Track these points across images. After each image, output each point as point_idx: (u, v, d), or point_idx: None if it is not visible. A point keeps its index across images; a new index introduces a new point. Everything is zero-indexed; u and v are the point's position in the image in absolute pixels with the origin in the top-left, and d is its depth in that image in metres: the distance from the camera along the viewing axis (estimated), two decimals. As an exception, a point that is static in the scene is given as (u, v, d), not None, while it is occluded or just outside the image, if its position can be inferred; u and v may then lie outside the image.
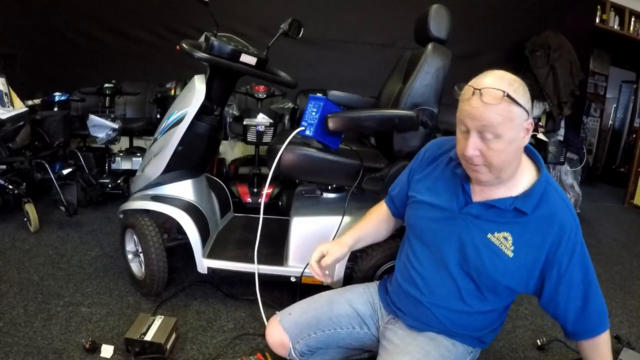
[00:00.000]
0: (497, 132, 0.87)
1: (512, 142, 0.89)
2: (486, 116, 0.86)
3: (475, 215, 1.01)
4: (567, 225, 0.95)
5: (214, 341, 1.48)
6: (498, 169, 0.92)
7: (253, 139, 2.66)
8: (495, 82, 0.88)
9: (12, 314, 1.54)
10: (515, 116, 0.87)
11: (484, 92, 0.87)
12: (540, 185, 0.97)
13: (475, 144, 0.90)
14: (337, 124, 1.46)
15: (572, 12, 3.81)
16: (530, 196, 0.96)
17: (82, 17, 3.47)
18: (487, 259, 0.98)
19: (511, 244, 0.96)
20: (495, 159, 0.90)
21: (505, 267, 0.97)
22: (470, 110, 0.89)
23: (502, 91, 0.86)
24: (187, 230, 1.62)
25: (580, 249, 0.97)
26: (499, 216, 0.98)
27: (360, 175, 1.55)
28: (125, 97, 3.17)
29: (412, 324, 1.12)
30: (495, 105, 0.86)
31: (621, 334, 1.62)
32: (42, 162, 2.40)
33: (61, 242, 2.19)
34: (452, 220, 1.03)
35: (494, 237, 0.98)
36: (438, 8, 1.60)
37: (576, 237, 0.96)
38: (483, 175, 0.94)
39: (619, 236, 3.03)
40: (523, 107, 0.88)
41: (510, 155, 0.91)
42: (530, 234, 0.96)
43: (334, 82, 3.01)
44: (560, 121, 3.64)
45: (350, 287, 1.33)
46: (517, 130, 0.89)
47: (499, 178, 0.95)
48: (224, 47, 1.54)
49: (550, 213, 0.95)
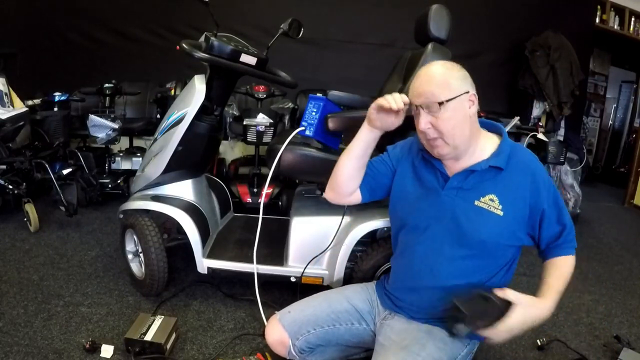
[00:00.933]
0: (440, 100, 0.99)
1: (456, 110, 1.00)
2: (427, 90, 1.00)
3: (458, 187, 1.08)
4: (539, 172, 1.07)
5: (214, 341, 1.48)
6: (451, 137, 1.02)
7: (253, 139, 2.66)
8: (432, 66, 1.04)
9: (12, 314, 1.54)
10: (453, 87, 1.00)
11: (421, 75, 1.04)
12: (506, 144, 1.08)
13: (426, 118, 1.02)
14: (337, 124, 1.46)
15: (572, 12, 3.82)
16: (500, 154, 1.06)
17: (82, 17, 3.48)
18: (481, 224, 1.05)
19: (498, 203, 1.05)
20: (444, 127, 1.01)
21: (499, 227, 1.04)
22: (413, 90, 1.04)
23: (435, 71, 1.02)
24: (187, 230, 1.62)
25: (553, 190, 1.08)
26: (479, 181, 1.06)
27: (360, 175, 1.54)
28: (125, 97, 3.17)
29: (414, 315, 1.14)
30: (434, 79, 1.01)
31: (621, 334, 1.62)
32: (42, 162, 2.40)
33: (61, 242, 2.19)
34: (438, 199, 1.10)
35: (481, 202, 1.06)
36: (438, 8, 1.60)
37: (549, 182, 1.08)
38: (441, 148, 1.04)
39: (619, 236, 3.03)
40: (458, 79, 1.01)
41: (459, 123, 1.01)
42: (512, 187, 1.06)
43: (334, 82, 3.02)
44: (560, 121, 3.65)
45: (348, 286, 1.36)
46: (461, 100, 1.00)
47: (456, 148, 1.04)
48: (224, 47, 1.54)
49: (523, 164, 1.07)
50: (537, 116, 3.74)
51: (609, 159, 5.49)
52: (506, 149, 1.07)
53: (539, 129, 3.14)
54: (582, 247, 2.68)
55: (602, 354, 1.57)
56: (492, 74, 3.66)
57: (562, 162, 3.08)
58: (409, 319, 1.15)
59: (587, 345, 1.62)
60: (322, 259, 1.60)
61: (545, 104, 3.62)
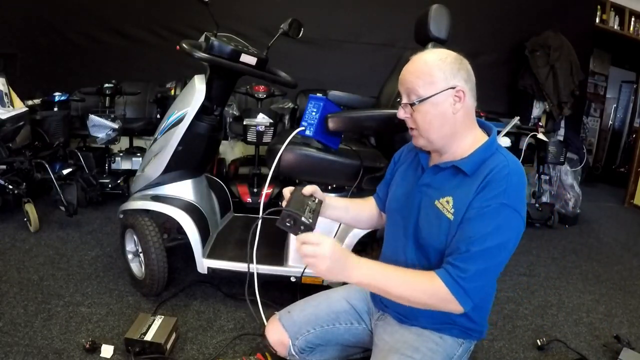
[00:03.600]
0: (419, 94, 0.95)
1: (436, 105, 0.95)
2: (409, 79, 0.96)
3: (427, 184, 1.04)
4: (495, 183, 0.91)
5: (214, 341, 1.48)
6: (425, 132, 0.98)
7: (253, 139, 2.66)
8: (425, 53, 0.98)
9: (12, 314, 1.54)
10: (436, 80, 0.94)
11: (411, 60, 0.99)
12: (485, 149, 0.98)
13: (405, 108, 0.98)
14: (337, 124, 1.46)
15: (572, 12, 3.82)
16: (472, 157, 0.98)
17: (82, 17, 3.47)
18: (433, 225, 0.99)
19: (451, 206, 0.96)
20: (420, 121, 0.97)
21: (446, 230, 0.96)
22: (401, 76, 0.99)
23: (424, 59, 0.96)
24: (187, 230, 1.62)
25: (495, 209, 0.89)
26: (446, 182, 1.00)
27: (360, 175, 1.55)
28: (125, 97, 3.17)
29: (397, 317, 1.13)
30: (417, 69, 0.96)
31: (621, 334, 1.62)
32: (42, 162, 2.40)
33: (61, 242, 2.19)
34: (411, 194, 1.07)
35: (439, 202, 0.99)
36: (438, 8, 1.60)
37: (496, 197, 0.90)
38: (416, 139, 1.02)
39: (619, 236, 3.03)
40: (446, 72, 0.94)
41: (435, 119, 0.96)
42: (469, 193, 0.94)
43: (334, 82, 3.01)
44: (560, 121, 3.65)
45: (347, 286, 1.35)
46: (444, 96, 0.94)
47: (431, 143, 0.99)
48: (224, 47, 1.54)
49: (486, 172, 0.93)
50: (537, 116, 3.74)
51: (609, 159, 5.49)
52: (481, 154, 0.97)
53: (539, 129, 3.15)
54: (582, 247, 2.72)
55: (602, 354, 1.57)
56: (492, 74, 3.66)
57: (562, 162, 3.09)
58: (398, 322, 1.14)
59: (587, 345, 1.62)
60: (322, 259, 1.60)
61: (545, 104, 3.62)
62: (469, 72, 0.98)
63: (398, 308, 1.12)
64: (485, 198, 0.91)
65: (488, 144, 0.99)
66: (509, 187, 0.91)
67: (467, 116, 0.99)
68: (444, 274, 0.91)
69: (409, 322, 1.11)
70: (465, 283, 0.89)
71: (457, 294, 0.90)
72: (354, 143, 1.73)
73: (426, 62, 0.96)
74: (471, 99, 0.98)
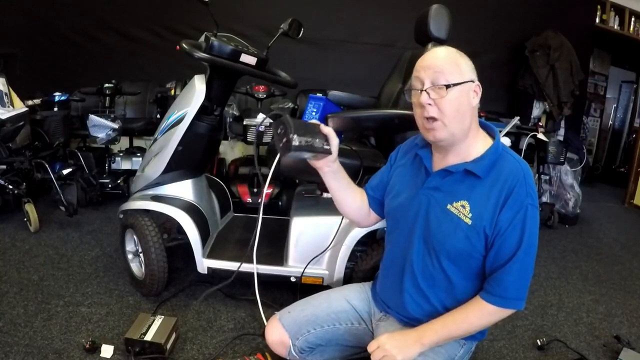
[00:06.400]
0: (448, 79, 0.94)
1: (461, 94, 0.95)
2: (439, 64, 0.96)
3: (435, 188, 1.04)
4: (518, 191, 0.95)
5: (214, 341, 1.48)
6: (450, 119, 0.95)
7: (253, 139, 2.66)
8: (442, 47, 1.01)
9: (12, 314, 1.54)
10: (463, 69, 0.96)
11: (431, 51, 1.01)
12: (494, 151, 1.00)
13: (430, 94, 0.96)
14: (337, 124, 1.46)
15: (572, 12, 3.82)
16: (482, 160, 0.99)
17: (82, 17, 3.48)
18: (448, 230, 1.00)
19: (469, 210, 0.98)
20: (447, 107, 0.95)
21: (464, 235, 0.98)
22: (424, 62, 0.98)
23: (448, 49, 0.99)
24: (187, 230, 1.62)
25: (523, 214, 0.95)
26: (457, 185, 1.01)
27: (360, 175, 1.55)
28: (125, 97, 3.17)
29: (399, 318, 1.14)
30: (446, 56, 0.97)
31: (621, 334, 1.62)
32: (42, 162, 2.40)
33: (61, 242, 2.19)
34: (416, 197, 1.07)
35: (452, 207, 1.00)
36: (438, 8, 1.60)
37: (522, 203, 0.95)
38: (439, 131, 0.97)
39: (619, 236, 3.03)
40: (467, 66, 0.97)
41: (461, 107, 0.95)
42: (486, 197, 0.97)
43: (334, 82, 3.01)
44: (560, 121, 3.65)
45: (347, 286, 1.36)
46: (467, 88, 0.96)
47: (453, 135, 0.97)
48: (224, 47, 1.54)
49: (504, 178, 0.96)
50: (537, 116, 3.74)
51: (609, 159, 5.49)
52: (491, 156, 0.99)
53: (539, 129, 3.15)
54: (582, 247, 2.72)
55: (602, 354, 1.57)
56: (492, 74, 3.66)
57: (562, 162, 3.08)
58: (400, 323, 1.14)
59: (587, 345, 1.62)
60: (322, 259, 1.60)
61: (545, 104, 3.63)
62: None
63: (400, 309, 1.13)
64: (514, 207, 0.95)
65: (495, 145, 1.01)
66: (528, 187, 0.96)
67: (475, 115, 1.01)
68: (489, 297, 0.98)
69: (411, 323, 1.11)
70: (509, 293, 0.97)
71: (509, 305, 0.98)
72: (354, 143, 1.73)
73: (449, 52, 0.98)
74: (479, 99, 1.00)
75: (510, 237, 0.95)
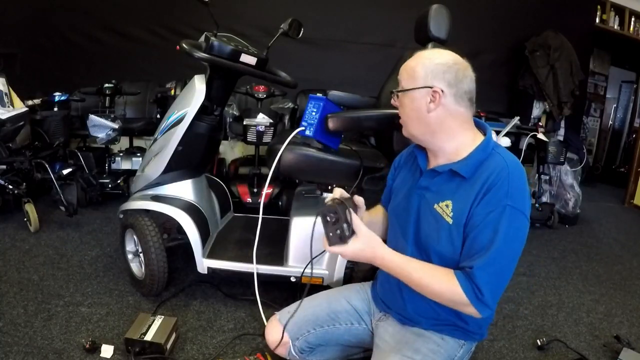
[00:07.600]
0: (402, 85, 1.02)
1: (413, 100, 0.99)
2: (402, 70, 1.03)
3: (425, 187, 1.05)
4: (497, 187, 0.92)
5: (214, 341, 1.48)
6: (406, 121, 1.04)
7: (253, 139, 2.66)
8: (425, 50, 1.05)
9: (12, 314, 1.54)
10: (417, 77, 0.98)
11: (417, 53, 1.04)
12: (482, 150, 0.98)
13: (394, 96, 1.06)
14: (337, 124, 1.46)
15: (572, 12, 3.82)
16: (468, 160, 0.98)
17: (82, 17, 3.47)
18: (434, 231, 1.00)
19: (450, 210, 0.98)
20: (401, 112, 1.05)
21: (447, 234, 0.97)
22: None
23: (417, 55, 1.02)
24: (187, 230, 1.62)
25: (499, 213, 0.90)
26: (444, 185, 1.01)
27: (360, 175, 1.55)
28: (125, 97, 3.17)
29: (399, 318, 1.14)
30: (409, 62, 1.01)
31: (621, 334, 1.62)
32: (42, 162, 2.40)
33: (61, 242, 2.19)
34: (410, 197, 1.08)
35: (438, 206, 1.01)
36: (438, 8, 1.60)
37: (500, 202, 0.91)
38: (403, 130, 1.07)
39: (619, 236, 3.03)
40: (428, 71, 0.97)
41: (412, 114, 1.01)
42: (467, 196, 0.95)
43: (334, 82, 3.01)
44: (560, 121, 3.65)
45: (347, 286, 1.36)
46: (421, 93, 0.98)
47: (413, 136, 1.05)
48: (224, 47, 1.54)
49: (487, 174, 0.94)
50: (537, 116, 3.74)
51: (609, 159, 5.49)
52: (478, 156, 0.97)
53: (539, 129, 3.15)
54: (582, 247, 2.72)
55: (602, 354, 1.57)
56: (492, 74, 3.66)
57: (562, 162, 3.08)
58: (400, 323, 1.14)
59: (587, 345, 1.62)
60: (322, 259, 1.60)
61: (545, 104, 3.62)
62: (458, 78, 0.97)
63: (400, 309, 1.13)
64: (489, 203, 0.92)
65: (484, 145, 0.99)
66: (511, 187, 0.92)
67: (450, 119, 0.98)
68: (462, 278, 0.92)
69: (411, 323, 1.11)
70: (480, 293, 0.91)
71: (474, 302, 0.91)
72: (354, 143, 1.73)
73: (416, 58, 1.01)
74: (454, 104, 0.97)
75: (481, 234, 0.92)
